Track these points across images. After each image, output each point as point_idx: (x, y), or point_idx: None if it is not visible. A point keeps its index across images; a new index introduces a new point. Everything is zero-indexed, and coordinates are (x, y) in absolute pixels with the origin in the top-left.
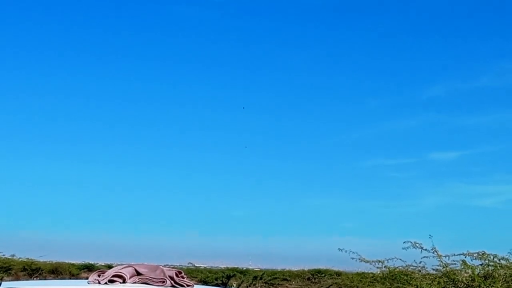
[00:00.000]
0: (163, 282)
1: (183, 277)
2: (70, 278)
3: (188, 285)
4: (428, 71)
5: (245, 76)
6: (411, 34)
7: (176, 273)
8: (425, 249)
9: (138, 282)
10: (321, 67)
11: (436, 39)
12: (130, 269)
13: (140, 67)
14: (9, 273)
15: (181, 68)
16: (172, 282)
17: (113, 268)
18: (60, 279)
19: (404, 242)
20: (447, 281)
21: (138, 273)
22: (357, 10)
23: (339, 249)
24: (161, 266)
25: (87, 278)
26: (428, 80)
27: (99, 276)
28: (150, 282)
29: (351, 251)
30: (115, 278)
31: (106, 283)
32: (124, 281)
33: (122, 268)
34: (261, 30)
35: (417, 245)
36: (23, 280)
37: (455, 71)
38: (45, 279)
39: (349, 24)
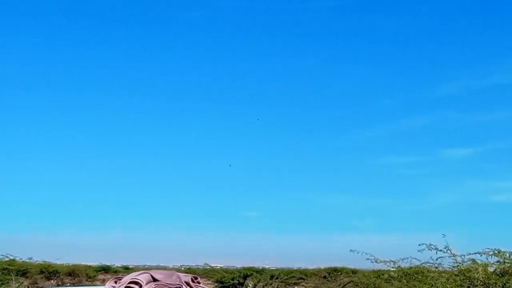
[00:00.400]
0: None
1: (199, 283)
2: (87, 280)
3: None
4: (440, 69)
5: (256, 77)
6: (423, 32)
7: (192, 278)
8: (440, 250)
9: None
10: (334, 66)
11: (448, 37)
12: (146, 275)
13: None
14: (26, 276)
15: (185, 72)
16: (188, 287)
17: (129, 275)
18: (77, 281)
19: (419, 245)
20: (463, 279)
21: (154, 279)
22: (369, 8)
23: (351, 250)
24: (176, 273)
25: (103, 281)
26: (440, 78)
27: (115, 283)
28: None
29: (364, 252)
30: (131, 285)
31: None
32: None
33: (138, 275)
34: (272, 29)
35: (432, 246)
36: (41, 283)
37: (467, 69)
38: (62, 281)
39: (361, 22)
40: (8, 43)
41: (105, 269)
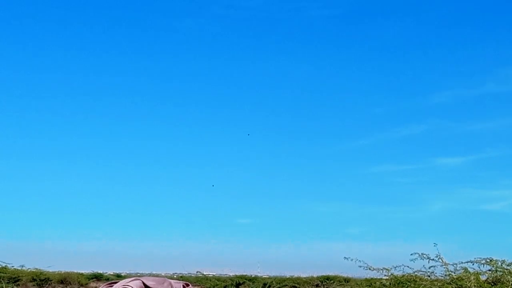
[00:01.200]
0: None
1: None
2: None
3: None
4: (433, 78)
5: (250, 86)
6: (416, 42)
7: (183, 285)
8: (433, 259)
9: None
10: (328, 75)
11: (441, 47)
12: (138, 282)
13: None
14: (18, 284)
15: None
16: None
17: (120, 282)
18: None
19: (411, 254)
20: (456, 287)
21: (146, 286)
22: (364, 18)
23: (345, 257)
24: (168, 279)
25: None
26: (433, 87)
27: None
28: None
29: (357, 260)
30: None
31: None
32: None
33: (130, 281)
34: (266, 38)
35: (424, 256)
36: None
37: (460, 78)
38: None
39: (355, 32)
40: (8, 47)
41: (97, 277)
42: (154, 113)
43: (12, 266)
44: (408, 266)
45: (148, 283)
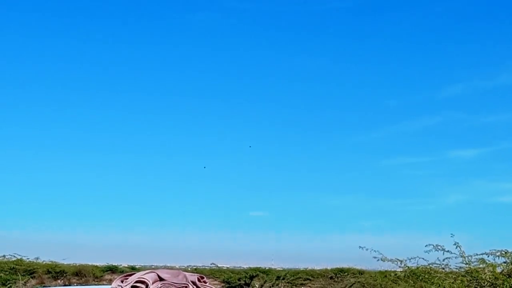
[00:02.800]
0: (186, 287)
1: (205, 282)
2: (94, 280)
3: None
4: (447, 70)
5: (264, 78)
6: (430, 33)
7: (198, 278)
8: (447, 251)
9: None
10: (341, 66)
11: (454, 38)
12: (153, 275)
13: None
14: (33, 276)
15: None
16: (195, 287)
17: (135, 274)
18: (84, 281)
19: (426, 246)
20: (470, 280)
21: (161, 279)
22: (376, 9)
23: (360, 247)
24: (183, 272)
25: (110, 281)
26: (447, 79)
27: (122, 282)
28: None
29: (372, 250)
30: (137, 284)
31: None
32: (146, 287)
33: (145, 274)
34: (279, 31)
35: (438, 247)
36: (48, 283)
37: (474, 70)
38: (69, 281)
39: (368, 23)
40: (12, 37)
41: (112, 269)
42: (169, 105)
43: (28, 259)
44: (423, 258)
45: (163, 275)
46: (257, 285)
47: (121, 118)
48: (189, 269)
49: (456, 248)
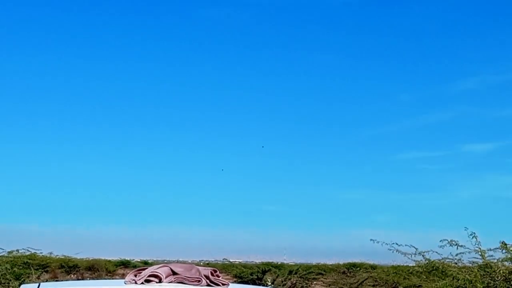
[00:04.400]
0: (199, 281)
1: (218, 276)
2: (107, 274)
3: (223, 284)
4: (460, 64)
5: (277, 72)
6: (442, 27)
7: (211, 272)
8: (461, 246)
9: (174, 282)
10: (354, 61)
11: (467, 32)
12: (166, 269)
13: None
14: (46, 270)
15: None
16: (208, 281)
17: (149, 268)
18: (97, 275)
19: (440, 241)
20: (484, 274)
21: (174, 273)
22: (388, 2)
23: (371, 239)
24: (196, 266)
25: (123, 275)
26: (460, 73)
27: (135, 276)
28: (186, 282)
29: (383, 243)
30: (151, 278)
31: (142, 283)
32: (160, 281)
33: (158, 268)
34: (292, 26)
35: (453, 242)
36: (61, 277)
37: (487, 64)
38: (82, 275)
39: (379, 18)
40: (19, 34)
41: (125, 264)
42: (180, 101)
43: (41, 253)
44: (436, 252)
45: (176, 269)
46: (269, 280)
47: (137, 114)
48: (201, 264)
49: (472, 238)
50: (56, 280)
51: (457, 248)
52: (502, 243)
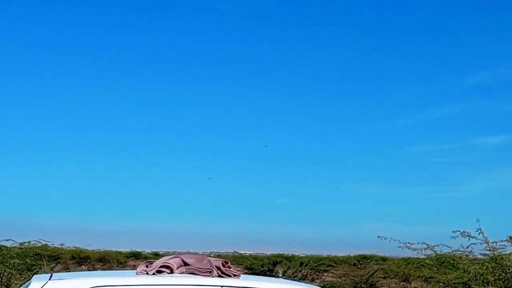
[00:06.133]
0: (210, 272)
1: (229, 267)
2: (118, 266)
3: (234, 275)
4: (472, 57)
5: (289, 67)
6: (455, 21)
7: (222, 263)
8: (473, 237)
9: (185, 273)
10: (366, 55)
11: (480, 25)
12: (177, 260)
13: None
14: (58, 262)
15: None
16: (219, 272)
17: (160, 259)
18: (108, 267)
19: (453, 231)
20: (495, 266)
21: (185, 264)
22: None
23: (378, 236)
24: (207, 257)
25: (134, 266)
26: (472, 67)
27: (147, 266)
28: (197, 272)
29: (392, 239)
30: (162, 269)
31: (154, 274)
32: (171, 272)
33: (170, 259)
34: (304, 20)
35: (465, 233)
36: (72, 268)
37: (499, 57)
38: (93, 267)
39: (393, 11)
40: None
41: (135, 255)
42: (193, 92)
43: (53, 244)
44: (446, 245)
45: (187, 260)
46: (280, 272)
47: (149, 109)
48: (212, 255)
49: (479, 234)
50: (68, 271)
51: (469, 239)
52: (510, 237)
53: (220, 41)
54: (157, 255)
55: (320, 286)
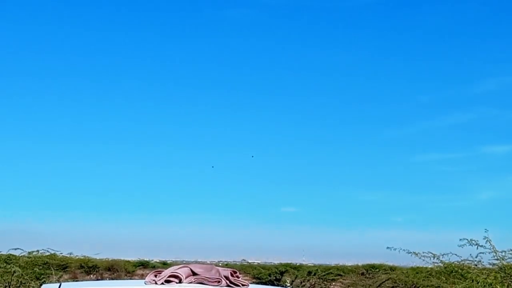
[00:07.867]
0: (219, 282)
1: (238, 277)
2: (126, 275)
3: (243, 285)
4: (479, 66)
5: (297, 73)
6: (462, 29)
7: (231, 272)
8: (481, 246)
9: (194, 282)
10: (373, 62)
11: (487, 33)
12: (186, 269)
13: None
14: (66, 271)
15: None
16: (228, 282)
17: (169, 269)
18: (116, 276)
19: (460, 240)
20: (504, 276)
21: (194, 273)
22: (406, 5)
23: (387, 247)
24: (215, 267)
25: (142, 276)
26: (479, 75)
27: (155, 276)
28: (206, 282)
29: (401, 249)
30: (171, 279)
31: (162, 283)
32: (180, 281)
33: (178, 268)
34: (311, 31)
35: (473, 242)
36: (80, 278)
37: (507, 65)
38: (102, 276)
39: (401, 19)
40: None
41: (144, 264)
42: (201, 98)
43: (61, 253)
44: (455, 254)
45: (196, 270)
46: (288, 281)
47: (156, 114)
48: (220, 264)
49: (486, 242)
50: (76, 280)
51: (477, 248)
52: None
53: (233, 46)
54: (165, 264)
55: None
